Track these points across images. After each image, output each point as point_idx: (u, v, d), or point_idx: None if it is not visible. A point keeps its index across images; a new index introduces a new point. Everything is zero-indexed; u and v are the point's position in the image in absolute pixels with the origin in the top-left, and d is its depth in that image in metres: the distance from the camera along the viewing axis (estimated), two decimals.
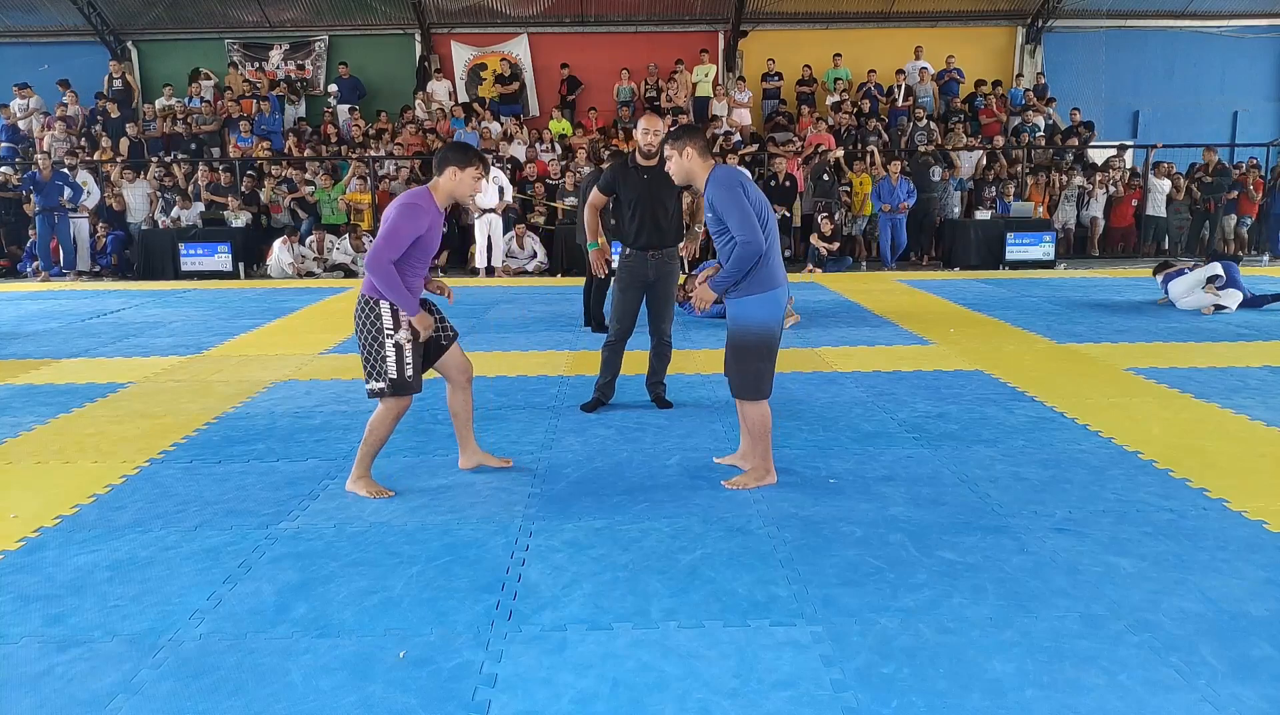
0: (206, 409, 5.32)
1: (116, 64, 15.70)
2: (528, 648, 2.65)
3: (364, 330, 3.67)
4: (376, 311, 3.64)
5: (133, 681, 2.49)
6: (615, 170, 5.02)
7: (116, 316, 8.97)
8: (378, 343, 3.65)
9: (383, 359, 3.64)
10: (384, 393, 3.69)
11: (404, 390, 3.70)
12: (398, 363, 3.65)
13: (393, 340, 3.65)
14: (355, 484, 3.88)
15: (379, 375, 3.67)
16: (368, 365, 3.69)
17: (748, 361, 3.78)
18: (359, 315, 3.69)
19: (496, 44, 16.35)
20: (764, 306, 3.75)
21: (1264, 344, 6.92)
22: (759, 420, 3.85)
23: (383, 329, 3.64)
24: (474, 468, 4.18)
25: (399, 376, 3.66)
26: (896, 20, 16.42)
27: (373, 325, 3.65)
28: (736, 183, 3.73)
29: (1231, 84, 16.95)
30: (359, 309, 3.69)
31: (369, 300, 3.66)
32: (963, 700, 2.37)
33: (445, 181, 3.71)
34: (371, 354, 3.66)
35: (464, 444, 4.16)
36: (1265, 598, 2.89)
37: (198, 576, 3.12)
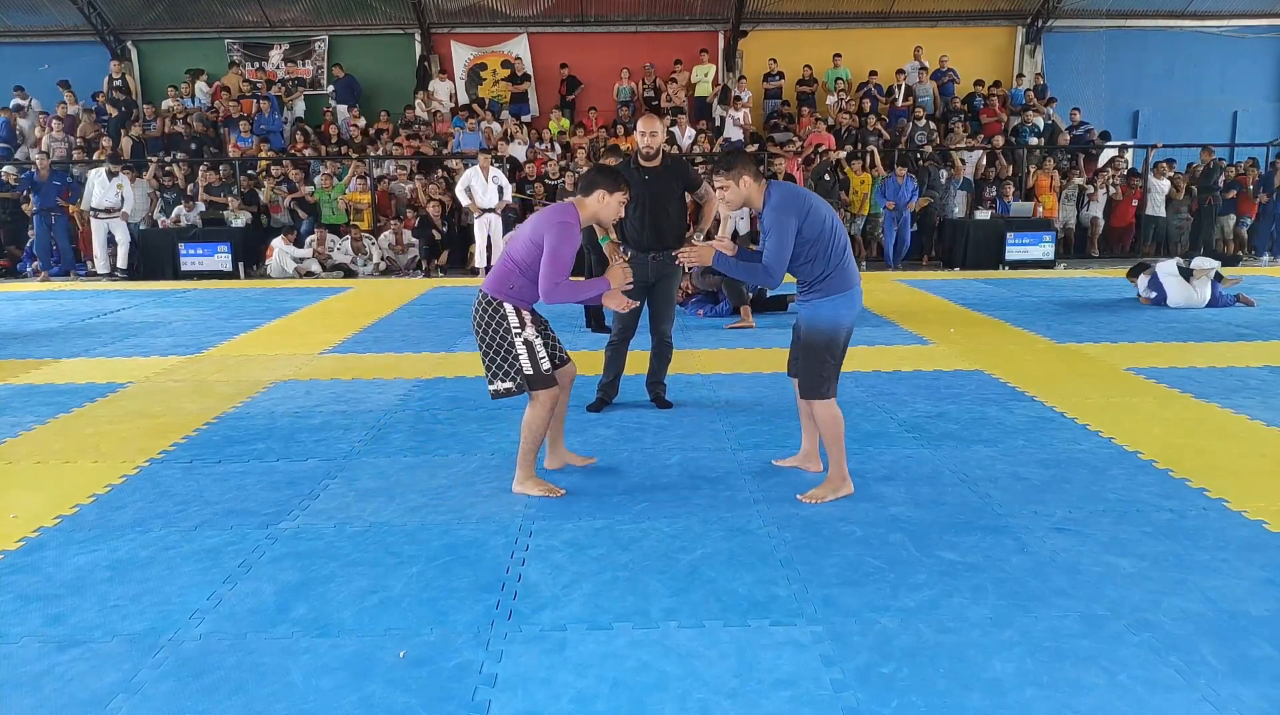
0: (206, 409, 5.32)
1: (117, 64, 15.70)
2: (528, 647, 2.65)
3: (488, 331, 3.65)
4: (501, 312, 3.63)
5: (133, 681, 2.49)
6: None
7: (116, 316, 8.97)
8: (506, 342, 3.63)
9: (515, 357, 3.63)
10: (511, 392, 3.67)
11: (541, 384, 3.68)
12: (530, 359, 3.65)
13: (521, 338, 3.64)
14: (524, 485, 3.85)
15: (507, 375, 3.65)
16: (493, 366, 3.67)
17: (814, 359, 3.71)
18: (481, 317, 3.66)
19: (496, 44, 16.35)
20: (837, 307, 3.68)
21: (1264, 344, 6.92)
22: (830, 423, 3.73)
23: (510, 328, 3.63)
24: (560, 467, 4.16)
25: (535, 372, 3.66)
26: (896, 20, 16.42)
27: (499, 326, 3.63)
28: (792, 209, 3.61)
29: (1232, 84, 16.95)
30: (480, 311, 3.67)
31: (492, 301, 3.64)
32: (963, 700, 2.37)
33: (593, 203, 3.72)
34: (498, 354, 3.65)
35: (554, 444, 4.15)
36: (1265, 597, 2.89)
37: (198, 576, 3.12)
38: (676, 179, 4.98)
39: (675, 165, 5.06)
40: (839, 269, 3.68)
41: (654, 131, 4.87)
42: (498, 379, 3.68)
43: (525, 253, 3.62)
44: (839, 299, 3.69)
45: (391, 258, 12.56)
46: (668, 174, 4.96)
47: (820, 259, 3.66)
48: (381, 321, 8.43)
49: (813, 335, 3.72)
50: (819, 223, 3.64)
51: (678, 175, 5.00)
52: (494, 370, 3.68)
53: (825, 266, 3.66)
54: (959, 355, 6.53)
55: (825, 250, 3.65)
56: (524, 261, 3.62)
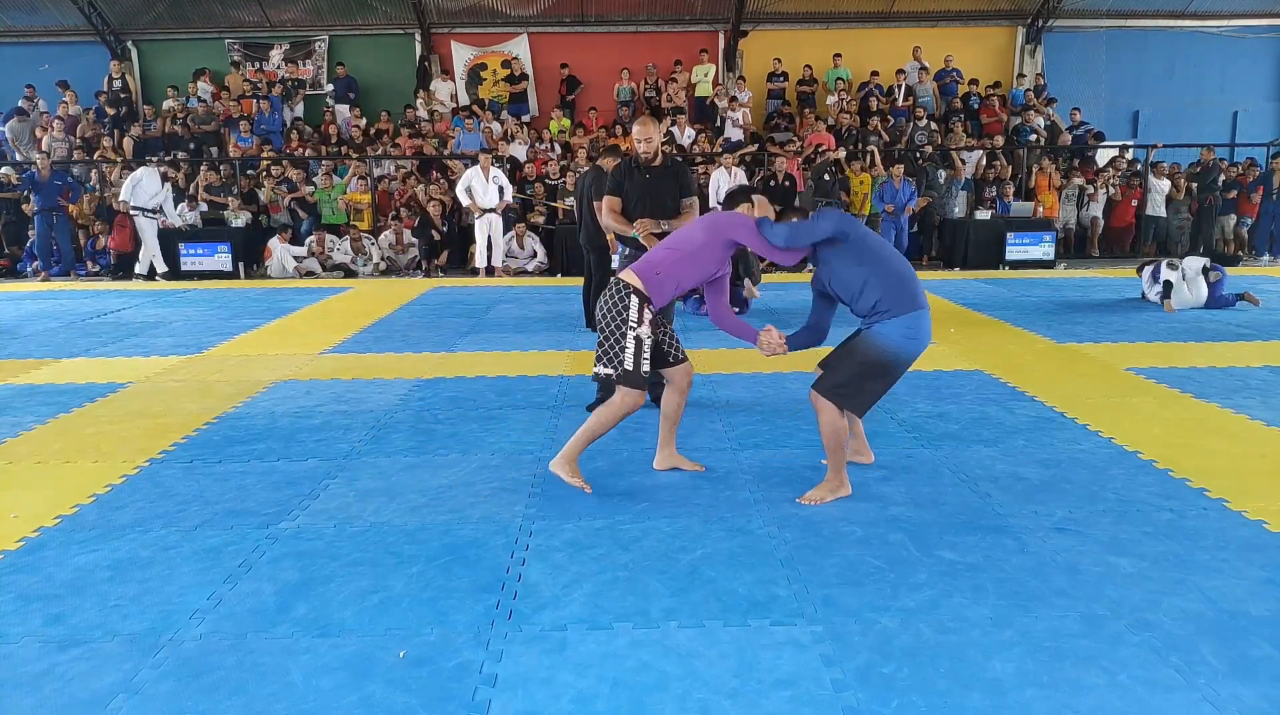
0: (207, 409, 5.32)
1: (117, 64, 15.70)
2: (528, 647, 2.65)
3: (609, 316, 3.68)
4: (626, 302, 3.65)
5: (133, 681, 2.49)
6: (620, 170, 5.04)
7: (116, 316, 8.97)
8: (620, 332, 3.66)
9: (622, 348, 3.65)
10: (610, 379, 3.69)
11: (632, 382, 3.69)
12: (635, 355, 3.66)
13: (634, 333, 3.65)
14: (560, 466, 3.86)
15: (611, 361, 3.67)
16: (601, 349, 3.70)
17: (862, 372, 3.62)
18: (608, 301, 3.70)
19: (496, 44, 16.36)
20: (902, 328, 3.59)
21: (1264, 344, 6.92)
22: (832, 433, 3.69)
23: (627, 320, 3.65)
24: (668, 469, 4.12)
25: (633, 369, 3.66)
26: (897, 20, 16.42)
27: (619, 314, 3.65)
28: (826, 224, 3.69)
29: (1232, 84, 16.95)
30: (610, 295, 3.70)
31: (624, 288, 3.67)
32: (963, 700, 2.37)
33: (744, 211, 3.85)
34: (610, 340, 3.67)
35: (665, 444, 4.14)
36: (1265, 597, 2.89)
37: (198, 576, 3.12)
38: (675, 180, 4.99)
39: (675, 166, 5.08)
40: (903, 282, 3.65)
41: (649, 138, 4.88)
42: (601, 363, 3.71)
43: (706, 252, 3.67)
44: (905, 320, 3.60)
45: (391, 258, 12.56)
46: (667, 174, 4.97)
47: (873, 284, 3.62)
48: (382, 321, 8.43)
49: (871, 349, 3.63)
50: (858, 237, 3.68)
51: (676, 176, 5.01)
52: (600, 353, 3.71)
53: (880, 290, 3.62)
54: (959, 355, 6.53)
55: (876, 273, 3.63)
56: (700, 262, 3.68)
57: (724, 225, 3.74)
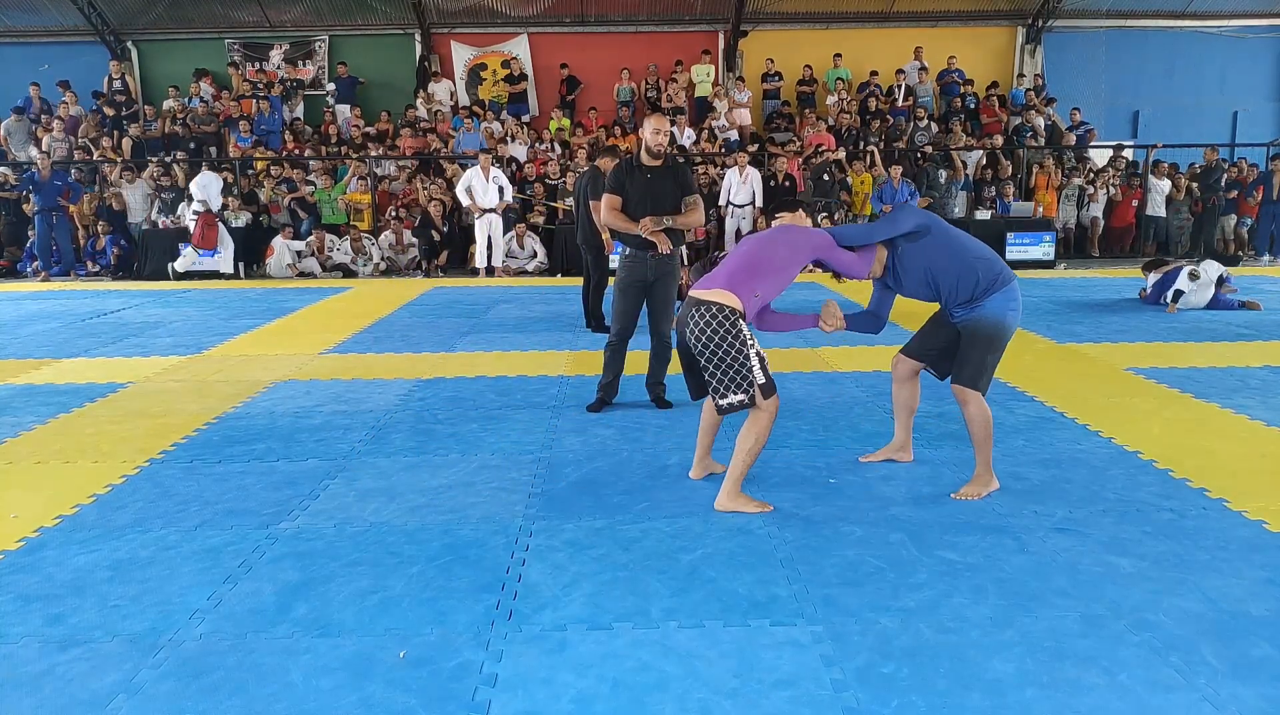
0: (206, 409, 5.32)
1: (117, 64, 15.70)
2: (528, 647, 2.65)
3: (722, 345, 3.56)
4: (739, 326, 3.58)
5: (133, 681, 2.49)
6: (621, 170, 5.03)
7: (116, 316, 8.97)
8: (742, 355, 3.57)
9: (749, 369, 3.58)
10: (744, 405, 3.60)
11: (772, 391, 3.65)
12: (763, 369, 3.64)
13: (754, 350, 3.62)
14: (727, 503, 3.68)
15: (740, 387, 3.57)
16: (726, 378, 3.58)
17: (980, 347, 3.68)
18: (714, 331, 3.56)
19: (496, 44, 16.36)
20: (1003, 302, 3.65)
21: (1265, 344, 6.91)
22: (983, 423, 3.71)
23: (745, 340, 3.59)
24: (702, 477, 4.07)
25: (767, 380, 3.64)
26: (896, 20, 16.42)
27: (736, 338, 3.56)
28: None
29: (1232, 84, 16.95)
30: (713, 324, 3.56)
31: (730, 312, 3.58)
32: (963, 700, 2.37)
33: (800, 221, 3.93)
34: (733, 366, 3.57)
35: (704, 455, 4.10)
36: (1265, 597, 2.89)
37: (198, 576, 3.12)
38: (676, 180, 4.99)
39: (676, 166, 5.07)
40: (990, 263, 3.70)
41: (665, 130, 4.91)
42: (730, 392, 3.58)
43: (785, 267, 3.68)
44: (1005, 293, 3.66)
45: (391, 258, 12.56)
46: (668, 174, 4.97)
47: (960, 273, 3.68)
48: (381, 322, 8.43)
49: (980, 326, 3.67)
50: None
51: (677, 176, 5.01)
52: (726, 383, 3.58)
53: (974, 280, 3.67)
54: None
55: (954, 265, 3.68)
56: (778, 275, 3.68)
57: (809, 245, 3.71)
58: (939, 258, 3.69)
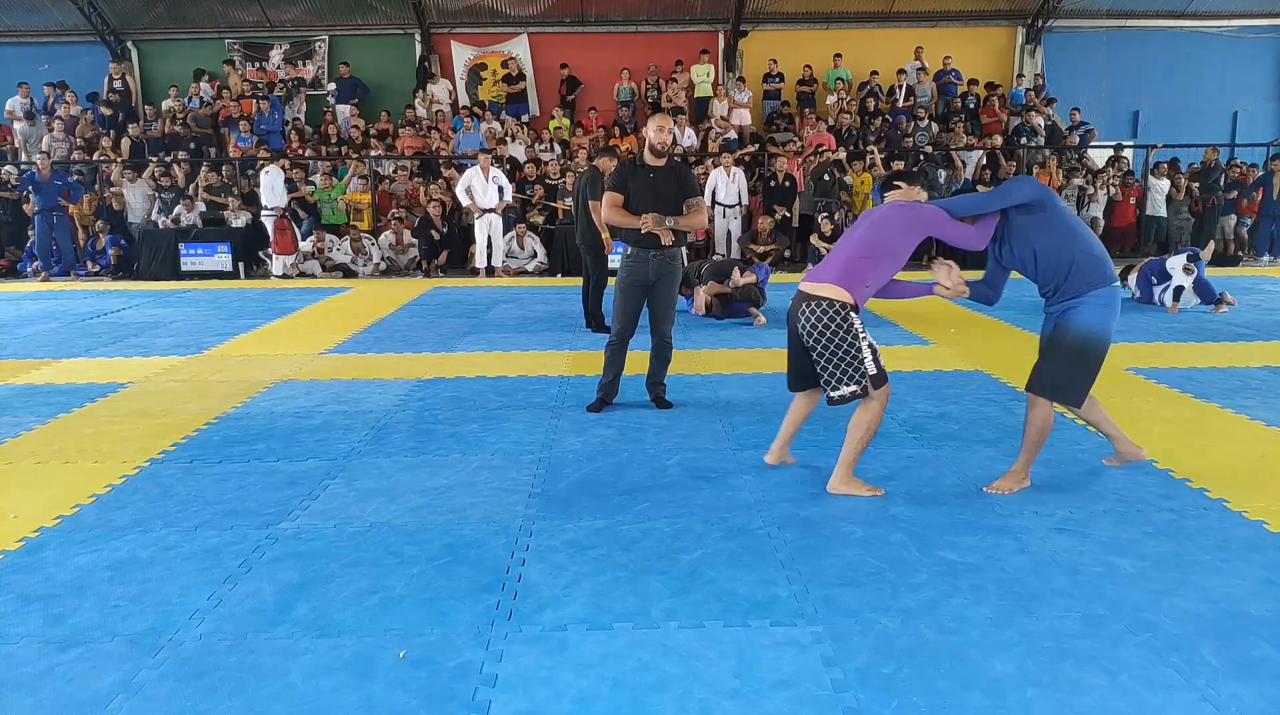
0: (206, 409, 5.32)
1: (116, 64, 15.69)
2: (528, 648, 2.65)
3: (834, 337, 3.60)
4: (850, 319, 3.61)
5: (133, 682, 2.49)
6: (624, 168, 5.03)
7: (117, 316, 8.97)
8: (854, 347, 3.61)
9: (861, 361, 3.62)
10: (856, 396, 3.64)
11: (883, 381, 3.67)
12: (874, 359, 3.66)
13: (866, 341, 3.64)
14: (840, 486, 3.79)
15: (853, 378, 3.62)
16: (838, 371, 3.62)
17: (1060, 357, 3.63)
18: (825, 323, 3.60)
19: (496, 44, 16.35)
20: (1099, 308, 3.58)
21: (1265, 344, 6.92)
22: (1039, 426, 3.72)
23: (857, 333, 3.62)
24: (775, 464, 4.15)
25: (879, 371, 3.66)
26: (897, 20, 16.41)
27: (847, 331, 3.60)
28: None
29: (1232, 84, 16.93)
30: (824, 317, 3.60)
31: (841, 307, 3.61)
32: (964, 700, 2.37)
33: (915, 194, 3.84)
34: (846, 358, 3.61)
35: (784, 443, 4.15)
36: (1265, 598, 2.89)
37: (198, 576, 3.12)
38: (679, 180, 4.98)
39: (678, 167, 5.07)
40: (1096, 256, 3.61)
41: (669, 128, 4.92)
42: (842, 384, 3.63)
43: (897, 247, 3.66)
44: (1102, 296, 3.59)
45: (391, 258, 12.56)
46: (671, 174, 4.96)
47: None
48: (382, 322, 8.43)
49: (1066, 333, 3.61)
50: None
51: (680, 177, 5.00)
52: (839, 375, 3.62)
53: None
54: (959, 356, 6.53)
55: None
56: (891, 257, 3.66)
57: (924, 223, 3.69)
58: (1045, 237, 3.60)
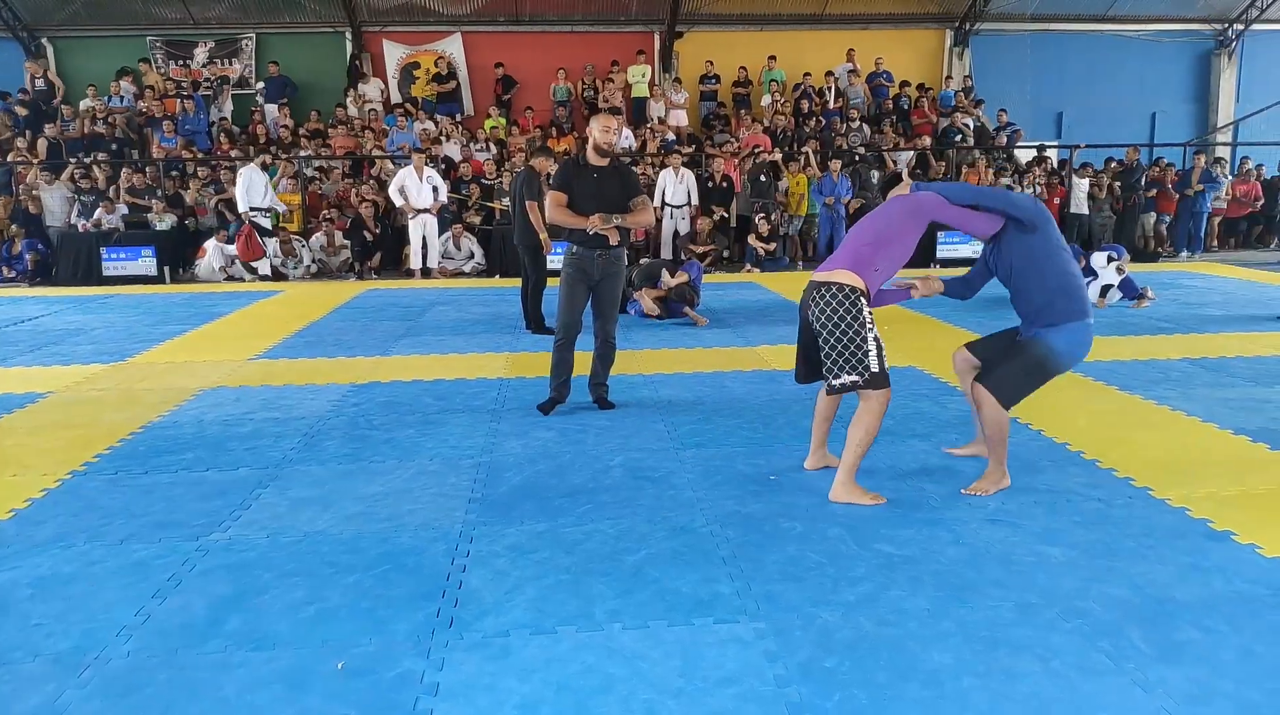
0: (131, 418, 5.15)
1: (33, 63, 15.12)
2: (470, 655, 2.61)
3: (841, 322, 3.54)
4: (859, 305, 3.56)
5: (57, 703, 2.40)
6: (568, 168, 4.98)
7: (35, 324, 8.64)
8: (860, 336, 3.55)
9: (865, 352, 3.55)
10: (856, 386, 3.57)
11: (883, 383, 3.60)
12: (878, 355, 3.59)
13: (873, 334, 3.58)
14: (842, 494, 3.69)
15: (855, 368, 3.55)
16: (841, 358, 3.56)
17: (1026, 371, 3.67)
18: (834, 307, 3.55)
19: (429, 42, 16.16)
20: (1071, 337, 3.67)
21: (1184, 337, 7.17)
22: (995, 424, 3.72)
23: (865, 323, 3.56)
24: (818, 469, 4.05)
25: (880, 369, 3.59)
26: (829, 22, 16.65)
27: (855, 318, 3.55)
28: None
29: (1150, 86, 17.56)
30: (834, 301, 3.56)
31: (851, 291, 3.56)
32: (903, 691, 2.40)
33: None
34: (850, 346, 3.54)
35: (819, 446, 4.08)
36: (1189, 582, 2.99)
37: (125, 591, 3.02)
38: (622, 180, 4.97)
39: (621, 167, 5.06)
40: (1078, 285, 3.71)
41: (614, 128, 4.92)
42: (844, 372, 3.57)
43: (903, 233, 3.67)
44: (1075, 327, 3.68)
45: (323, 260, 12.32)
46: (615, 174, 4.94)
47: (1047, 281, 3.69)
48: (313, 325, 8.27)
49: (1036, 345, 3.68)
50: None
51: (624, 177, 4.99)
52: (841, 363, 3.57)
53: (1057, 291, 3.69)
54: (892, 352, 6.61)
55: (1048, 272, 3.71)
56: (899, 244, 3.67)
57: (924, 208, 3.72)
58: (1030, 260, 3.68)
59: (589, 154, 4.93)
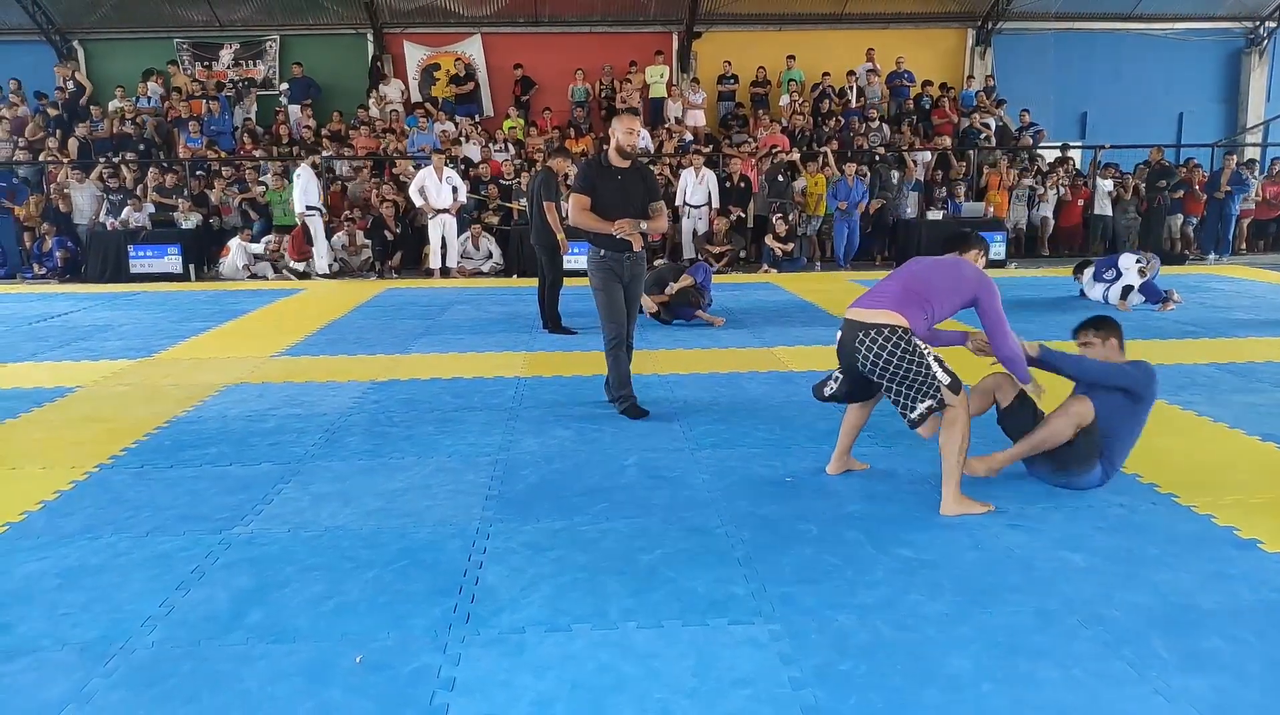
0: (157, 413, 5.21)
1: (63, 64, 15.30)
2: (486, 651, 2.63)
3: (901, 362, 3.53)
4: (911, 340, 3.55)
5: (83, 691, 2.43)
6: (590, 170, 4.93)
7: (64, 319, 8.76)
8: (923, 365, 3.54)
9: (932, 375, 3.54)
10: (933, 410, 3.55)
11: (955, 389, 3.59)
12: (944, 369, 3.59)
13: (931, 355, 3.59)
14: (961, 505, 3.62)
15: (927, 394, 3.53)
16: (912, 391, 3.54)
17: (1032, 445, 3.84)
18: (889, 350, 3.53)
19: (450, 44, 16.22)
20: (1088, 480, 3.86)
21: (1211, 341, 7.09)
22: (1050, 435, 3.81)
23: (921, 351, 3.55)
24: (840, 473, 4.06)
25: (952, 378, 3.59)
26: (849, 22, 16.56)
27: (911, 351, 3.54)
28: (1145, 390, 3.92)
29: (1177, 85, 17.33)
30: (887, 343, 3.54)
31: (903, 330, 3.56)
32: (920, 696, 2.39)
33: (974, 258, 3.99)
34: (917, 378, 3.53)
35: (844, 452, 4.08)
36: (1213, 590, 2.96)
37: (150, 583, 3.06)
38: (644, 182, 4.96)
39: (642, 168, 5.04)
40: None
41: (638, 129, 4.89)
42: (918, 402, 3.55)
43: (946, 297, 3.72)
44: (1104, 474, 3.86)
45: (345, 259, 12.41)
46: (638, 176, 4.93)
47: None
48: (335, 323, 8.33)
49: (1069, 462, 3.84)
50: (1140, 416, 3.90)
51: (645, 178, 4.98)
52: (912, 396, 3.55)
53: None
54: None
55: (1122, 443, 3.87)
56: (941, 304, 3.71)
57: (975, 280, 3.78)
58: (1113, 409, 3.83)
59: (611, 155, 4.89)
